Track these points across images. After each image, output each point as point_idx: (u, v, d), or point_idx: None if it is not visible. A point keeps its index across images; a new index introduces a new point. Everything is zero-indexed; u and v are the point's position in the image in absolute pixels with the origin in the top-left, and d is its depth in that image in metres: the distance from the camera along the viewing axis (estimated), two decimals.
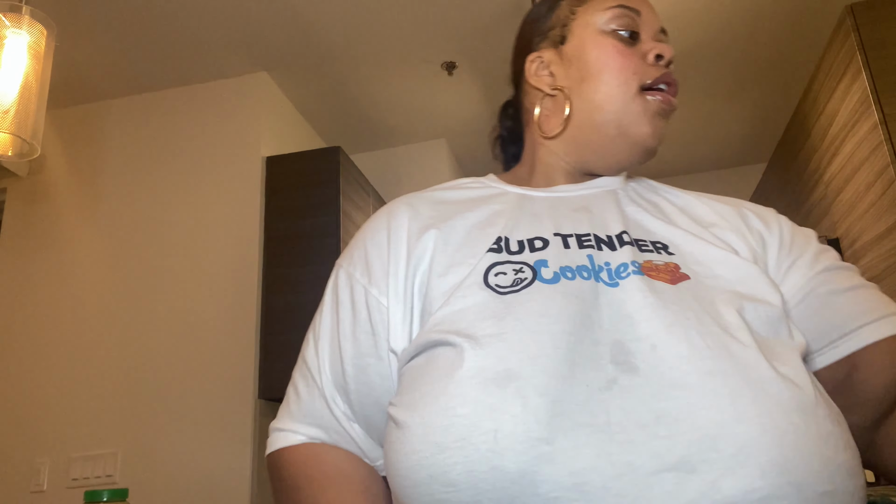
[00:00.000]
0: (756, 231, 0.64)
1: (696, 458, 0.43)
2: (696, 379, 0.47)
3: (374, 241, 0.65)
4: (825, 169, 2.19)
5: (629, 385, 0.47)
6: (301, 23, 2.34)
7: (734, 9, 2.40)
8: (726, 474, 0.43)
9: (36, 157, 1.59)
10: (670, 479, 0.43)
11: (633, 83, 0.66)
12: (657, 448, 0.44)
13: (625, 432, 0.45)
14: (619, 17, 0.68)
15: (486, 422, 0.46)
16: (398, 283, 0.61)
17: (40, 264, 2.54)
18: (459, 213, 0.66)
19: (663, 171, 3.68)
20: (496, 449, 0.45)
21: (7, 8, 1.55)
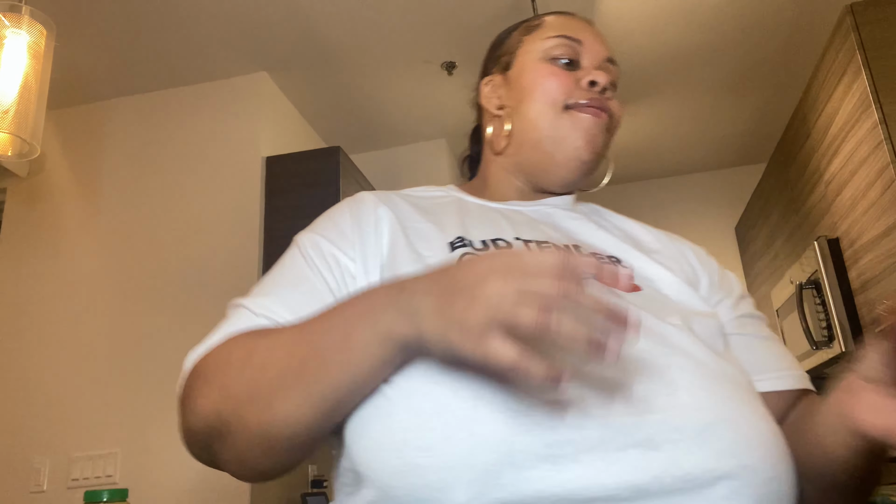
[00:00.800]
0: (691, 265, 0.71)
1: (660, 438, 0.47)
2: (659, 371, 0.51)
3: (347, 218, 0.67)
4: (825, 169, 2.19)
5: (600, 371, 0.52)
6: (301, 23, 2.34)
7: (734, 9, 2.40)
8: (687, 454, 0.47)
9: (36, 157, 1.59)
10: (637, 454, 0.47)
11: (560, 101, 0.72)
12: (627, 426, 0.48)
13: (597, 409, 0.48)
14: (559, 46, 0.75)
15: (466, 391, 0.48)
16: (366, 255, 0.63)
17: (40, 264, 2.54)
18: (421, 210, 0.70)
19: (663, 171, 3.68)
20: (475, 417, 0.47)
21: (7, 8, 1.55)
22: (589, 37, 0.77)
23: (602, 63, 0.76)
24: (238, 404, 0.52)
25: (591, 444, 0.46)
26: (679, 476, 0.46)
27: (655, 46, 2.58)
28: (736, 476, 0.48)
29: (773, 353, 0.66)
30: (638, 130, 3.24)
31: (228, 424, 0.53)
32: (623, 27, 2.46)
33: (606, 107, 0.73)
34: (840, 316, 2.05)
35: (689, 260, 0.73)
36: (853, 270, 2.03)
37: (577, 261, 0.42)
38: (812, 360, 2.33)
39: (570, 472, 0.45)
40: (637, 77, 2.79)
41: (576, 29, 0.77)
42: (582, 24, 0.79)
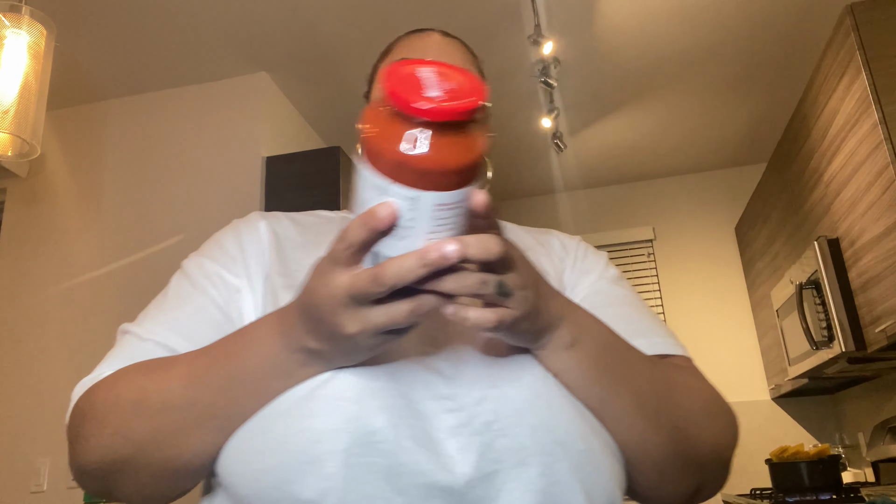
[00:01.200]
0: (558, 255, 0.77)
1: (478, 421, 0.51)
2: (481, 355, 0.56)
3: (229, 238, 0.71)
4: (825, 169, 2.19)
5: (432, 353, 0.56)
6: (301, 23, 2.34)
7: (734, 9, 2.40)
8: (500, 435, 0.51)
9: (36, 157, 1.59)
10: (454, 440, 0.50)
11: None
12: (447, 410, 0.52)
13: (421, 400, 0.52)
14: None
15: (299, 390, 0.52)
16: (249, 272, 0.67)
17: (40, 264, 2.54)
18: (303, 230, 0.73)
19: (663, 171, 3.68)
20: (307, 413, 0.50)
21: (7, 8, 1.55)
22: (432, 54, 0.78)
23: None
24: (140, 446, 0.54)
25: (413, 433, 0.50)
26: (492, 458, 0.50)
27: (655, 46, 2.58)
28: (549, 452, 0.51)
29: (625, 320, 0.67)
30: (638, 130, 3.24)
31: (129, 462, 0.55)
32: (623, 27, 2.46)
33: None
34: (840, 316, 2.05)
35: (555, 249, 0.78)
36: (853, 270, 2.03)
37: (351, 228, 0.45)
38: (812, 360, 2.33)
39: (392, 459, 0.49)
40: (637, 77, 2.79)
41: (418, 48, 0.78)
42: (427, 41, 0.80)
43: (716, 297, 3.51)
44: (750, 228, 3.22)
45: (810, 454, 2.45)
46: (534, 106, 2.94)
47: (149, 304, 0.68)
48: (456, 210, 0.45)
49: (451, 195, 0.44)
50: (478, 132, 0.46)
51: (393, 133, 0.43)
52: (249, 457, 0.52)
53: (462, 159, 0.43)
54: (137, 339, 0.62)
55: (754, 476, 3.18)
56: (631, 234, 3.67)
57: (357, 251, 0.45)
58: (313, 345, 0.50)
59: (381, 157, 0.43)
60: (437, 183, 0.43)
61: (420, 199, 0.43)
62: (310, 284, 0.49)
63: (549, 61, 2.51)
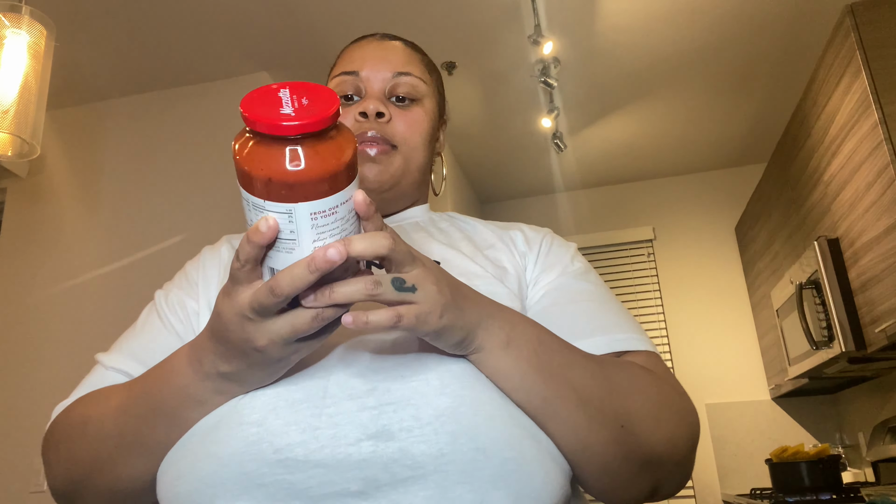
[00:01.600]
0: (520, 250, 0.75)
1: (397, 427, 0.50)
2: (413, 356, 0.54)
3: (192, 265, 0.76)
4: (825, 169, 2.19)
5: (352, 360, 0.55)
6: (301, 23, 2.34)
7: (734, 9, 2.40)
8: (420, 440, 0.49)
9: (36, 157, 1.59)
10: (368, 447, 0.49)
11: None
12: (363, 419, 0.50)
13: (336, 405, 0.51)
14: (339, 84, 0.79)
15: (213, 415, 0.54)
16: (209, 295, 0.70)
17: (40, 264, 2.54)
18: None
19: (663, 171, 3.68)
20: (215, 439, 0.51)
21: (7, 8, 1.55)
22: (368, 63, 0.79)
23: (382, 86, 0.78)
24: (85, 471, 0.59)
25: (321, 445, 0.50)
26: (408, 465, 0.48)
27: (655, 46, 2.58)
28: (470, 460, 0.49)
29: (586, 317, 0.66)
30: (638, 130, 3.24)
31: (82, 485, 0.60)
32: (623, 27, 2.46)
33: (383, 133, 0.76)
34: (840, 316, 2.05)
35: (517, 245, 0.76)
36: (853, 270, 2.03)
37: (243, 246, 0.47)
38: (812, 360, 2.33)
39: (301, 474, 0.49)
40: (636, 77, 2.79)
41: (355, 60, 0.80)
42: (364, 50, 0.81)
43: (716, 297, 3.51)
44: (750, 228, 3.22)
45: (810, 454, 2.45)
46: (534, 106, 2.94)
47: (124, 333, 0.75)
48: (336, 216, 0.46)
49: (324, 202, 0.46)
50: (340, 138, 0.47)
51: (256, 154, 0.45)
52: (170, 482, 0.53)
53: (325, 167, 0.45)
54: (102, 368, 0.68)
55: (754, 476, 3.18)
56: (631, 234, 3.67)
57: (251, 268, 0.47)
58: (226, 368, 0.52)
59: (251, 179, 0.45)
60: (307, 194, 0.45)
61: (294, 211, 0.45)
62: (217, 308, 0.50)
63: (549, 61, 2.50)
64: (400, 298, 0.48)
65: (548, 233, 0.79)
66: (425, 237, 0.76)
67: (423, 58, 0.84)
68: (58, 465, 0.61)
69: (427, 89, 0.81)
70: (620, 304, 0.70)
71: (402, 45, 0.83)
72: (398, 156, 0.77)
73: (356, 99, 0.78)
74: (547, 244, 0.77)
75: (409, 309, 0.48)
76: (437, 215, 0.85)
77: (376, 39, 0.82)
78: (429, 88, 0.82)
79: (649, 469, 0.58)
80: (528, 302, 0.70)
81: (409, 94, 0.79)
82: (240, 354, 0.50)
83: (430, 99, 0.82)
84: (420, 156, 0.79)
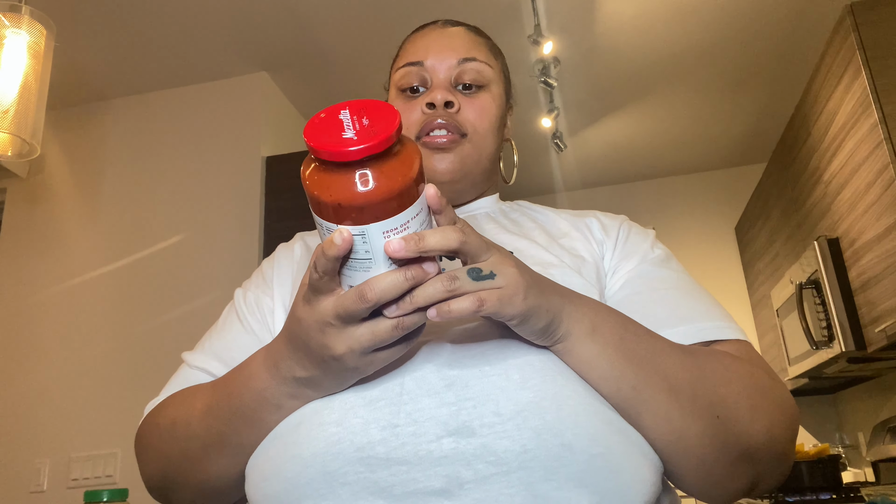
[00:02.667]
0: (597, 238, 0.73)
1: (477, 423, 0.49)
2: (492, 350, 0.53)
3: (268, 264, 0.78)
4: (825, 169, 2.19)
5: (430, 355, 0.54)
6: (301, 23, 2.34)
7: (734, 8, 2.40)
8: (502, 436, 0.48)
9: (36, 157, 1.59)
10: (450, 443, 0.48)
11: (413, 134, 0.75)
12: (442, 415, 0.50)
13: (414, 402, 0.51)
14: (405, 76, 0.78)
15: (294, 416, 0.54)
16: (283, 293, 0.72)
17: (40, 264, 2.54)
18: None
19: (663, 171, 3.68)
20: (296, 441, 0.52)
21: (7, 8, 1.55)
22: (432, 51, 0.77)
23: (453, 69, 0.77)
24: (176, 467, 0.61)
25: (402, 442, 0.49)
26: (492, 461, 0.48)
27: (655, 46, 2.58)
28: (555, 456, 0.48)
29: (671, 306, 0.63)
30: (638, 130, 3.24)
31: (174, 481, 0.62)
32: (623, 27, 2.46)
33: (453, 123, 0.74)
34: (840, 316, 2.05)
35: (594, 233, 0.74)
36: (853, 270, 2.03)
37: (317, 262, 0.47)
38: (812, 359, 2.33)
39: (383, 472, 0.49)
40: (636, 77, 2.79)
41: (418, 49, 0.78)
42: (427, 38, 0.80)
43: (716, 296, 3.50)
44: (750, 228, 3.22)
45: (810, 454, 2.45)
46: (534, 106, 2.94)
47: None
48: (408, 230, 0.47)
49: (395, 220, 0.46)
50: (404, 153, 0.47)
51: (323, 181, 0.46)
52: (257, 483, 0.55)
53: (392, 186, 0.45)
54: (187, 367, 0.70)
55: None
56: None
57: (330, 278, 0.47)
58: (302, 373, 0.52)
59: (321, 205, 0.46)
60: (377, 214, 0.45)
61: (367, 232, 0.45)
62: (295, 314, 0.51)
63: (549, 61, 2.51)
64: (480, 287, 0.47)
65: (624, 220, 0.77)
66: (497, 228, 0.75)
67: (487, 41, 0.82)
68: (149, 464, 0.64)
69: (493, 74, 0.79)
70: (706, 292, 0.67)
71: (465, 30, 0.81)
72: (468, 144, 0.75)
73: (422, 90, 0.77)
74: (625, 231, 0.74)
75: (490, 293, 0.47)
76: (508, 205, 0.84)
77: (438, 27, 0.81)
78: (495, 73, 0.80)
79: (747, 462, 0.54)
80: (607, 292, 0.68)
81: (475, 81, 0.77)
82: (317, 361, 0.50)
83: (497, 84, 0.80)
84: (490, 143, 0.77)
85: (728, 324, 0.62)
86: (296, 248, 0.77)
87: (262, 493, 0.54)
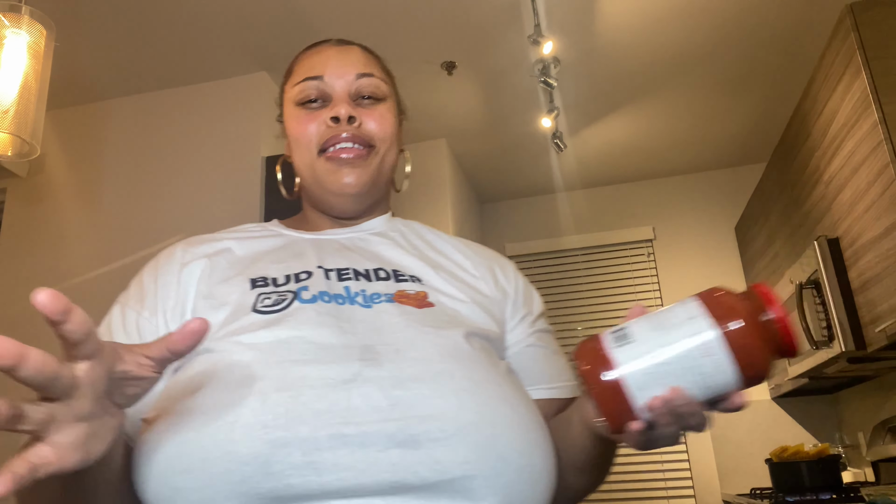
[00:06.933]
0: (500, 284, 0.78)
1: (423, 438, 0.54)
2: (430, 376, 0.58)
3: (148, 275, 0.75)
4: (825, 168, 2.19)
5: (372, 377, 0.57)
6: (301, 23, 2.34)
7: (734, 8, 2.40)
8: (445, 449, 0.54)
9: (36, 157, 1.59)
10: (397, 454, 0.53)
11: (313, 148, 0.77)
12: (390, 429, 0.54)
13: (361, 416, 0.54)
14: (303, 90, 0.79)
15: (227, 416, 0.54)
16: (165, 309, 0.69)
17: (40, 264, 2.54)
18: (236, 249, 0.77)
19: (663, 171, 3.68)
20: (232, 437, 0.52)
21: (7, 8, 1.55)
22: (330, 66, 0.80)
23: (348, 88, 0.79)
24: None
25: (351, 450, 0.53)
26: (437, 470, 0.53)
27: (655, 46, 2.58)
28: (492, 467, 0.55)
29: (557, 366, 0.76)
30: (638, 130, 3.24)
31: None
32: (623, 27, 2.46)
33: (357, 137, 0.77)
34: (840, 316, 2.05)
35: (497, 277, 0.79)
36: (853, 270, 2.03)
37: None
38: (812, 359, 2.33)
39: (330, 475, 0.52)
40: (637, 77, 2.79)
41: (316, 65, 0.80)
42: (324, 55, 0.81)
43: None
44: (750, 228, 3.22)
45: (810, 454, 2.45)
46: (534, 106, 2.94)
47: None
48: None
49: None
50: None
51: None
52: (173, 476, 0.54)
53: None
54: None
55: (754, 476, 3.18)
56: (631, 234, 3.67)
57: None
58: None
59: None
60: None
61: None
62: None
63: (549, 61, 2.51)
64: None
65: (518, 272, 0.84)
66: (399, 252, 0.77)
67: (379, 61, 0.86)
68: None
69: (388, 89, 0.83)
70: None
71: (359, 48, 0.84)
72: (376, 157, 0.79)
73: (319, 102, 0.79)
74: (523, 285, 0.82)
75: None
76: (401, 223, 0.86)
77: (333, 44, 0.83)
78: (389, 89, 0.84)
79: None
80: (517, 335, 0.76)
81: (373, 94, 0.80)
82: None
83: (392, 98, 0.84)
84: (393, 154, 0.82)
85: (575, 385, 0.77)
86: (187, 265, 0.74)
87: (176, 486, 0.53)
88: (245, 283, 0.70)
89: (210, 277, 0.71)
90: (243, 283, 0.70)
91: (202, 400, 0.56)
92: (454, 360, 0.60)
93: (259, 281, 0.70)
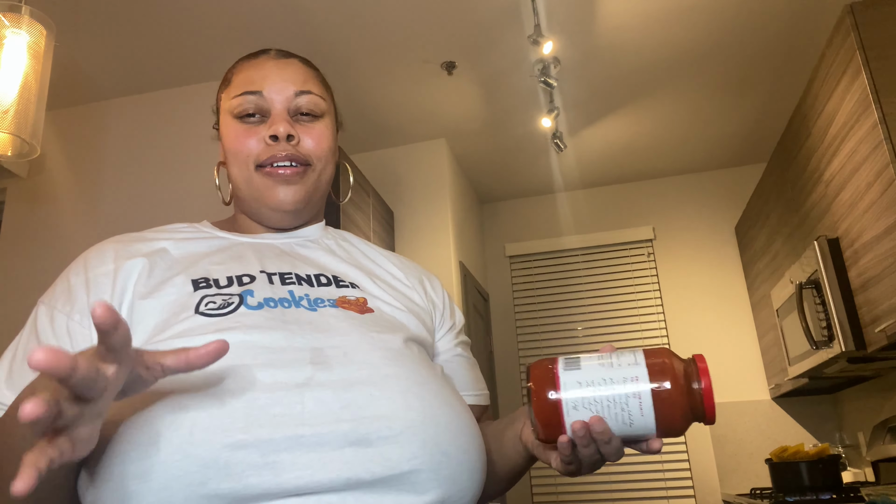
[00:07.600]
0: (427, 293, 0.84)
1: (374, 436, 0.57)
2: (378, 379, 0.61)
3: (76, 275, 0.72)
4: (825, 168, 2.19)
5: (323, 380, 0.59)
6: (301, 23, 2.34)
7: (734, 8, 2.40)
8: (395, 447, 0.58)
9: (36, 157, 1.59)
10: (350, 452, 0.56)
11: (250, 164, 0.77)
12: (343, 429, 0.57)
13: (316, 418, 0.57)
14: (241, 104, 0.78)
15: (185, 420, 0.54)
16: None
17: (40, 264, 2.54)
18: (174, 250, 0.75)
19: (663, 171, 3.68)
20: (190, 440, 0.53)
21: (7, 8, 1.55)
22: (269, 81, 0.79)
23: (287, 105, 0.79)
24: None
25: (307, 450, 0.55)
26: (387, 465, 0.57)
27: (655, 46, 2.59)
28: (436, 462, 0.59)
29: (477, 376, 0.84)
30: (638, 130, 3.24)
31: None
32: (622, 27, 2.46)
33: (295, 156, 0.77)
34: (840, 315, 2.05)
35: (426, 288, 0.85)
36: (853, 270, 2.03)
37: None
38: (812, 359, 2.33)
39: (288, 475, 0.54)
40: (637, 77, 2.79)
41: (255, 79, 0.79)
42: (264, 69, 0.80)
43: (716, 297, 3.51)
44: (750, 228, 3.22)
45: (810, 454, 2.45)
46: (534, 106, 2.94)
47: (7, 348, 0.71)
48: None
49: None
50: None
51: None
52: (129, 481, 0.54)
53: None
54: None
55: (754, 476, 3.18)
56: (631, 234, 3.67)
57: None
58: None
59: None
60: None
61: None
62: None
63: (549, 61, 2.51)
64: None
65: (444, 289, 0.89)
66: (337, 261, 0.80)
67: (318, 74, 0.86)
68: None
69: (326, 105, 0.84)
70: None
71: (299, 62, 0.84)
72: (313, 174, 0.79)
73: (257, 117, 0.79)
74: (448, 299, 0.88)
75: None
76: (333, 233, 0.88)
77: (272, 57, 0.82)
78: (328, 105, 0.84)
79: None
80: (443, 345, 0.82)
81: (312, 111, 0.81)
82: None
83: (330, 114, 0.85)
84: (330, 169, 0.82)
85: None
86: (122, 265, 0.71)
87: (131, 491, 0.52)
88: (186, 284, 0.69)
89: (149, 277, 0.70)
90: (184, 284, 0.69)
91: (157, 404, 0.55)
92: (398, 364, 0.64)
93: (201, 282, 0.70)
